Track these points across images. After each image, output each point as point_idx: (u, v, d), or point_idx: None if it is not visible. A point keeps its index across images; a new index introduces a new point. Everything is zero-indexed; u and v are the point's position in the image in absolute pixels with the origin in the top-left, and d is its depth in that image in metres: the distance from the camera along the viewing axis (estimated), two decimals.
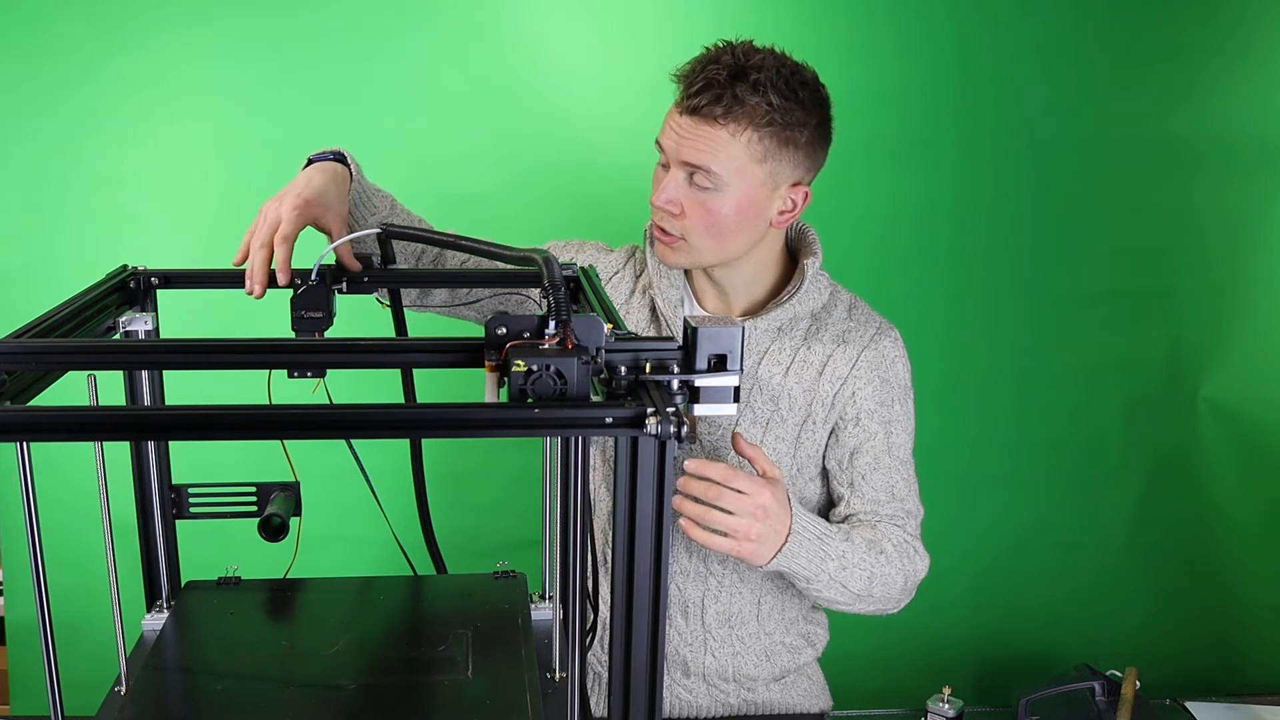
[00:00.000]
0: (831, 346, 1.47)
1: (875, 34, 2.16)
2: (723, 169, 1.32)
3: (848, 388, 1.46)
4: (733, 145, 1.31)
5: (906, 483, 1.49)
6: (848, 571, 1.37)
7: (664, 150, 1.37)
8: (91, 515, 1.12)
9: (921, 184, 2.23)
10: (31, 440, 0.75)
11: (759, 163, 1.33)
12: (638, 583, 0.81)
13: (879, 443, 1.46)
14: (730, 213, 1.35)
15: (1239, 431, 2.35)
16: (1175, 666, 2.33)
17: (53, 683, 0.82)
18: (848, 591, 1.39)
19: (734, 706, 1.60)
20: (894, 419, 1.48)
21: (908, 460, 1.50)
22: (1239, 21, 2.19)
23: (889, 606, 1.46)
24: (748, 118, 1.30)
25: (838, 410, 1.46)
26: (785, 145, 1.34)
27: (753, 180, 1.34)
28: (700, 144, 1.31)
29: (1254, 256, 2.29)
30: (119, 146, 2.10)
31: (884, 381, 1.47)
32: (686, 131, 1.32)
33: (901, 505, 1.48)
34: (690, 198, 1.35)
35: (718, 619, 1.54)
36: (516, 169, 2.15)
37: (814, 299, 1.47)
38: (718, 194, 1.33)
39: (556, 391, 0.79)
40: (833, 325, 1.48)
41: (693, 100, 1.31)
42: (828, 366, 1.46)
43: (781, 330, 1.47)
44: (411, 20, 2.10)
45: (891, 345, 1.48)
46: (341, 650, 1.05)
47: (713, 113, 1.30)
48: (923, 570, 1.47)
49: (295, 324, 1.10)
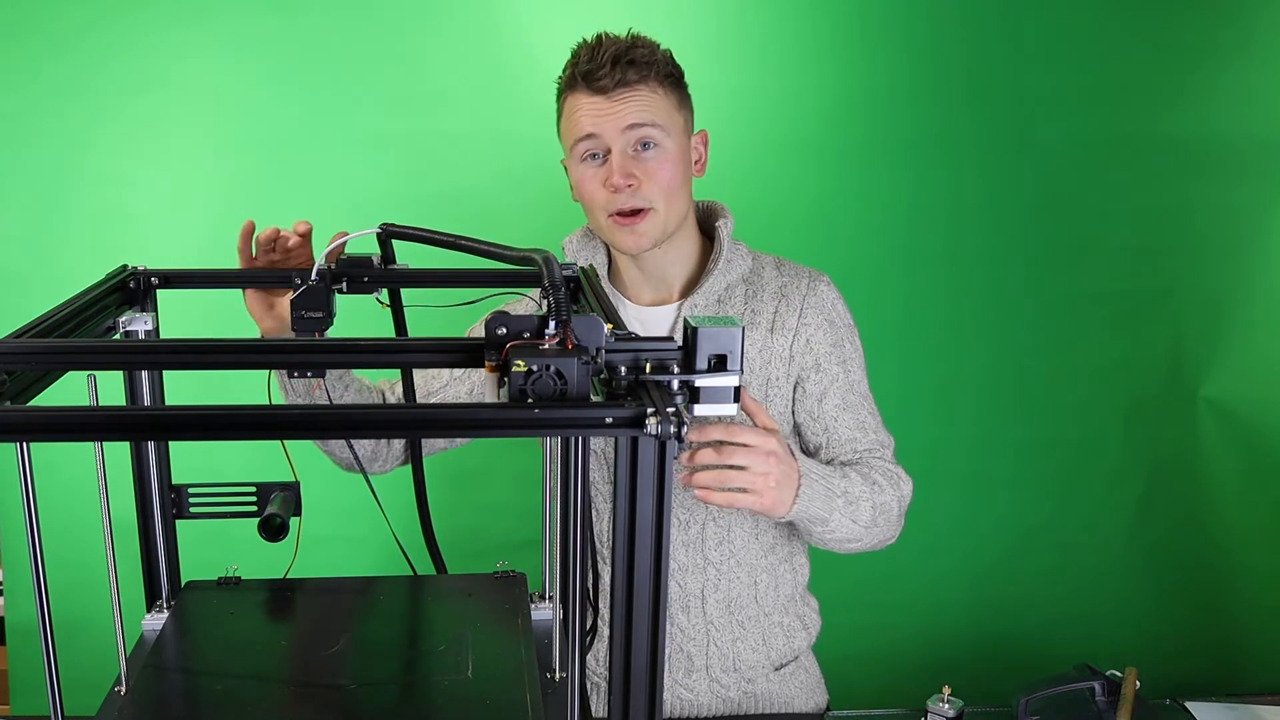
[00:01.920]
0: (773, 303, 1.53)
1: (875, 34, 2.17)
2: (661, 118, 1.42)
3: (800, 337, 1.52)
4: (654, 98, 1.42)
5: (873, 414, 1.56)
6: (855, 506, 1.42)
7: (597, 136, 1.42)
8: (91, 515, 1.12)
9: (921, 184, 2.23)
10: (31, 440, 0.75)
11: (677, 110, 1.46)
12: (638, 583, 0.81)
13: (841, 383, 1.53)
14: (676, 164, 1.44)
15: (1239, 432, 2.35)
16: (1175, 666, 2.33)
17: (53, 683, 0.82)
18: (857, 526, 1.43)
19: (735, 702, 1.61)
20: (848, 357, 1.54)
21: (868, 394, 1.57)
22: (1239, 21, 2.19)
23: (890, 534, 1.51)
24: (655, 75, 1.42)
25: (797, 363, 1.52)
26: (684, 93, 1.48)
27: (679, 128, 1.45)
28: (633, 105, 1.41)
29: (1254, 257, 2.29)
30: (119, 147, 2.10)
31: (831, 324, 1.54)
32: (615, 106, 1.41)
33: (875, 437, 1.54)
34: (640, 167, 1.42)
35: (718, 607, 1.57)
36: (516, 168, 2.16)
37: (740, 264, 1.54)
38: (662, 150, 1.43)
39: (556, 391, 0.79)
40: (767, 285, 1.54)
41: (610, 77, 1.40)
42: (775, 322, 1.52)
43: (721, 301, 1.53)
44: (411, 20, 2.10)
45: (827, 289, 1.55)
46: (341, 650, 1.05)
47: (629, 78, 1.40)
48: (908, 493, 1.52)
49: (295, 324, 1.10)
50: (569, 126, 1.45)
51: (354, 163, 2.14)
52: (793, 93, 2.18)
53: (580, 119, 1.43)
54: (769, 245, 1.64)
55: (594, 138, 1.42)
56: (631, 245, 1.46)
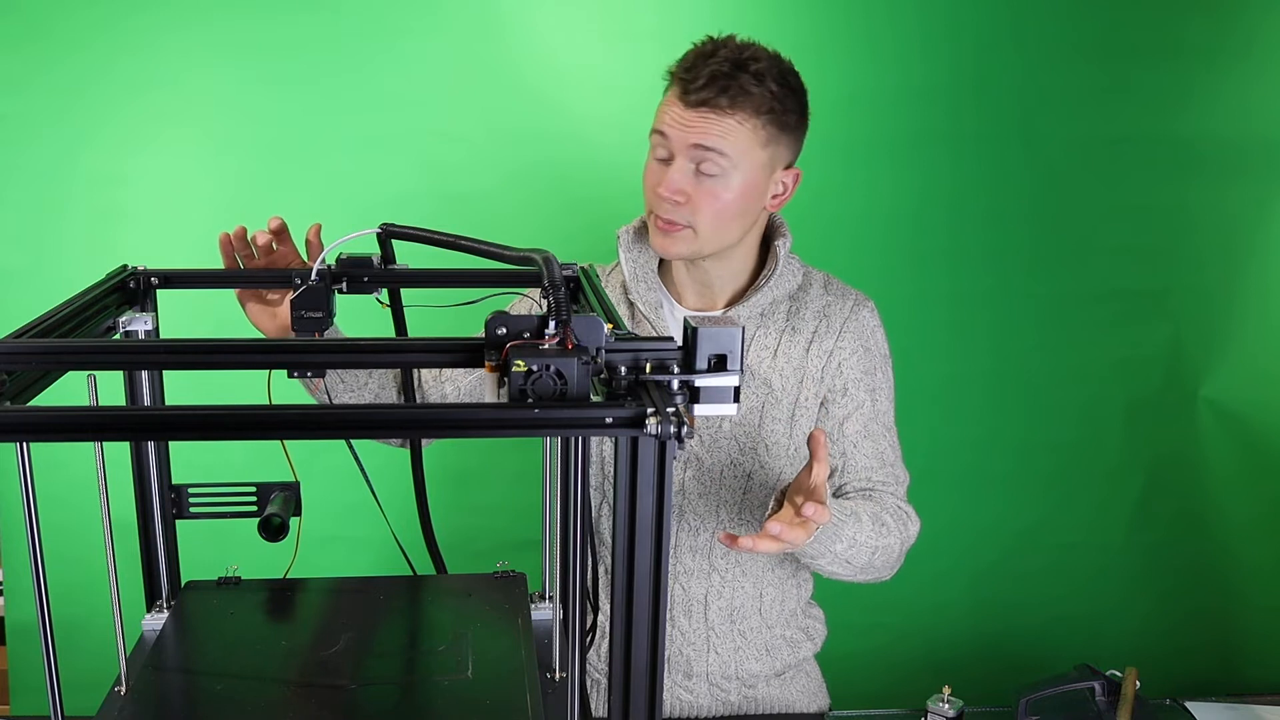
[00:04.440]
0: (814, 322, 1.51)
1: (875, 34, 2.16)
2: (732, 150, 1.37)
3: (834, 360, 1.50)
4: (740, 131, 1.37)
5: (893, 448, 1.54)
6: (854, 550, 1.40)
7: (667, 139, 1.40)
8: (91, 514, 1.12)
9: (921, 184, 2.23)
10: (31, 440, 0.75)
11: (762, 147, 1.39)
12: (638, 583, 0.81)
13: (866, 410, 1.51)
14: (735, 198, 1.40)
15: (1239, 431, 2.35)
16: (1175, 666, 2.33)
17: (53, 683, 0.82)
18: (851, 566, 1.42)
19: (735, 705, 1.61)
20: (878, 386, 1.53)
21: (892, 427, 1.55)
22: (1240, 21, 2.19)
23: (885, 575, 1.49)
24: (752, 106, 1.37)
25: (826, 384, 1.50)
26: (782, 130, 1.41)
27: (755, 164, 1.40)
28: (710, 128, 1.36)
29: (1254, 257, 2.29)
30: (119, 147, 2.10)
31: (866, 350, 1.52)
32: (693, 121, 1.37)
33: (891, 471, 1.52)
34: (696, 186, 1.39)
35: (720, 614, 1.56)
36: (516, 168, 2.15)
37: (790, 280, 1.52)
38: (724, 179, 1.38)
39: (556, 392, 0.79)
40: (811, 303, 1.52)
41: (700, 94, 1.36)
42: (813, 342, 1.50)
43: (764, 315, 1.51)
44: (411, 21, 2.10)
45: (870, 315, 1.54)
46: (341, 650, 1.05)
47: (719, 103, 1.36)
48: (915, 534, 1.50)
49: (295, 324, 1.10)
50: (656, 115, 1.44)
51: (354, 163, 2.14)
52: None
53: (661, 114, 1.42)
54: None
55: (664, 138, 1.41)
56: (661, 248, 1.45)
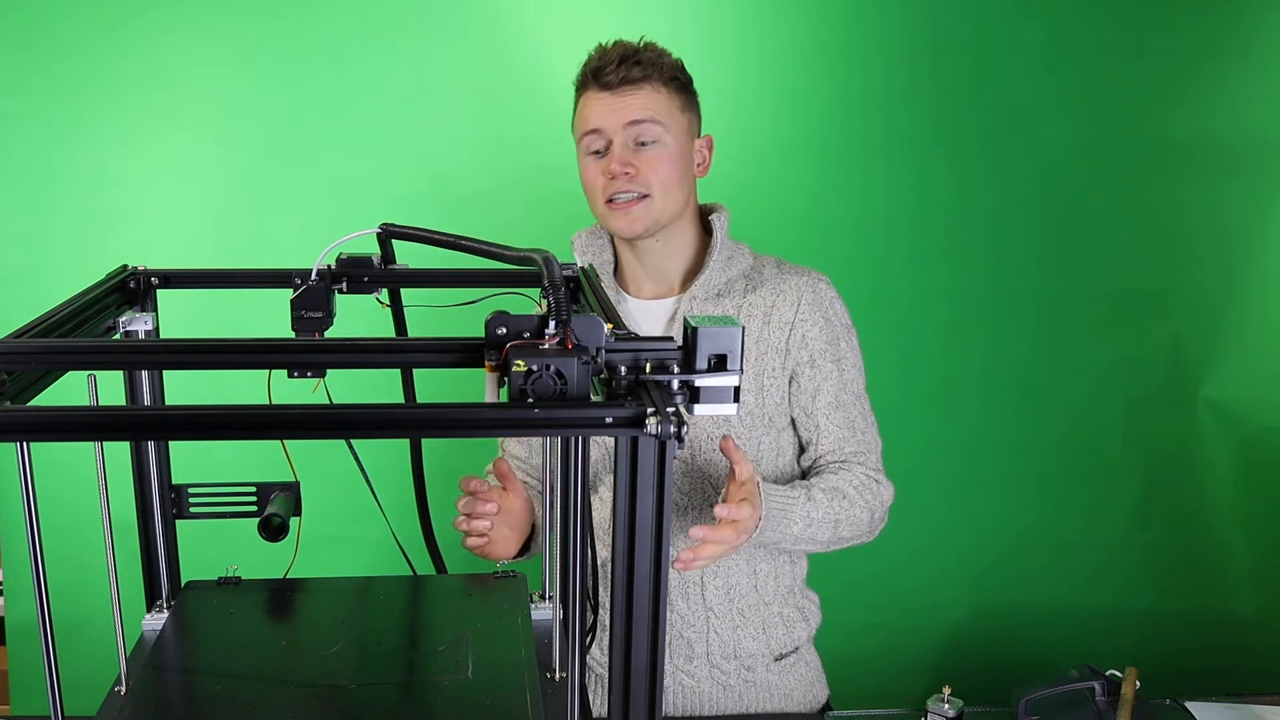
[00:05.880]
0: (771, 296, 1.57)
1: (876, 34, 2.17)
2: (661, 115, 1.49)
3: (796, 332, 1.56)
4: (658, 97, 1.50)
5: (864, 416, 1.59)
6: (813, 528, 1.48)
7: (600, 131, 1.50)
8: (92, 514, 1.12)
9: (921, 184, 2.23)
10: (31, 440, 0.75)
11: (680, 111, 1.52)
12: (638, 583, 0.81)
13: (834, 380, 1.57)
14: (675, 157, 1.51)
15: (1238, 431, 2.35)
16: (1175, 666, 2.33)
17: (53, 683, 0.82)
18: (816, 542, 1.51)
19: (735, 689, 1.63)
20: (843, 356, 1.58)
21: (862, 395, 1.60)
22: (1239, 22, 2.19)
23: (862, 539, 1.57)
24: (659, 74, 1.50)
25: (793, 356, 1.56)
26: (688, 97, 1.54)
27: (681, 127, 1.52)
28: (634, 102, 1.48)
29: (1253, 256, 2.29)
30: (120, 146, 2.10)
31: (827, 321, 1.57)
32: (619, 102, 1.48)
33: (862, 440, 1.58)
34: (639, 157, 1.49)
35: (718, 593, 1.59)
36: (516, 168, 2.16)
37: (741, 261, 1.59)
38: (661, 144, 1.50)
39: (556, 391, 0.79)
40: (767, 281, 1.59)
41: (616, 73, 1.48)
42: (772, 314, 1.56)
43: (720, 295, 1.57)
44: (412, 22, 2.10)
45: (826, 288, 1.59)
46: (341, 650, 1.05)
47: (633, 75, 1.48)
48: (888, 498, 1.57)
49: (295, 324, 1.10)
50: (578, 122, 1.54)
51: (354, 163, 2.14)
52: (792, 93, 2.18)
53: (587, 114, 1.51)
54: (770, 245, 1.65)
55: (598, 132, 1.50)
56: (624, 227, 1.52)
